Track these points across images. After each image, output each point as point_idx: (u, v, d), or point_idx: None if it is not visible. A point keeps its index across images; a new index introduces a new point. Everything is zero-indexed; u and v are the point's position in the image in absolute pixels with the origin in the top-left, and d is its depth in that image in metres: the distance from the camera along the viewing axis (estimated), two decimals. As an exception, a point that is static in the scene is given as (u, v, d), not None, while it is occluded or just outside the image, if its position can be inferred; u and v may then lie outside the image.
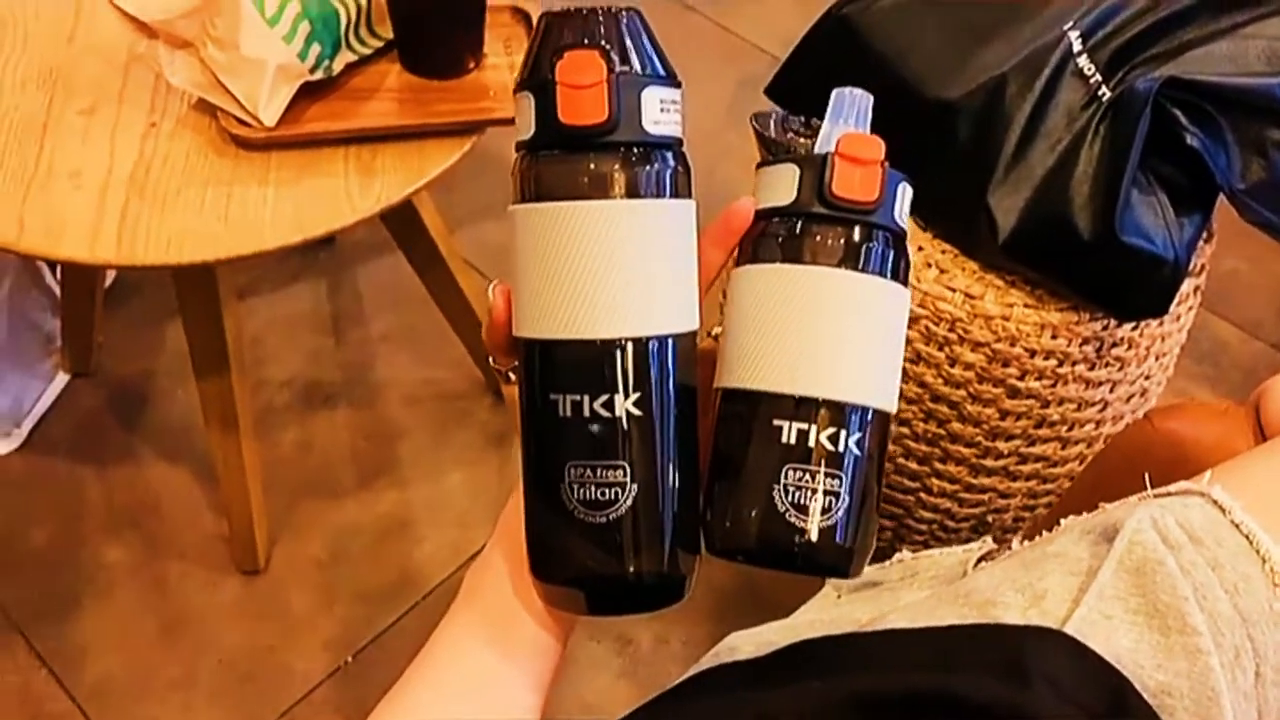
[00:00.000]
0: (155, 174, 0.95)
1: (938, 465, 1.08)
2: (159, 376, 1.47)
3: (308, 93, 0.97)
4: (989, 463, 1.07)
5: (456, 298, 1.32)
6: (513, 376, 0.49)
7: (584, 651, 1.25)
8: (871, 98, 0.50)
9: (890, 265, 0.48)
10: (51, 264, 1.41)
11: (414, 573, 1.31)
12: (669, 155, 0.46)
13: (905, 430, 1.07)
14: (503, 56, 1.04)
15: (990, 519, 1.12)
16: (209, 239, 0.92)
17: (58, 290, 1.42)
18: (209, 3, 0.92)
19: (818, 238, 0.47)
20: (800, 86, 1.06)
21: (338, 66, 0.98)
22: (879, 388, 0.48)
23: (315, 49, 0.95)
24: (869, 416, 0.48)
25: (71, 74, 1.02)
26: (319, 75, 0.96)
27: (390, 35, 1.02)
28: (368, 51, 1.02)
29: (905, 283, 0.49)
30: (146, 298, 1.54)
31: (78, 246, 0.90)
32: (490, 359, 0.51)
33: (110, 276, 1.50)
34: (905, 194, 0.49)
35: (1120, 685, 0.49)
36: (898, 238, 0.49)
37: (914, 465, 1.09)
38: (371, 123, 0.98)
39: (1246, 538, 0.52)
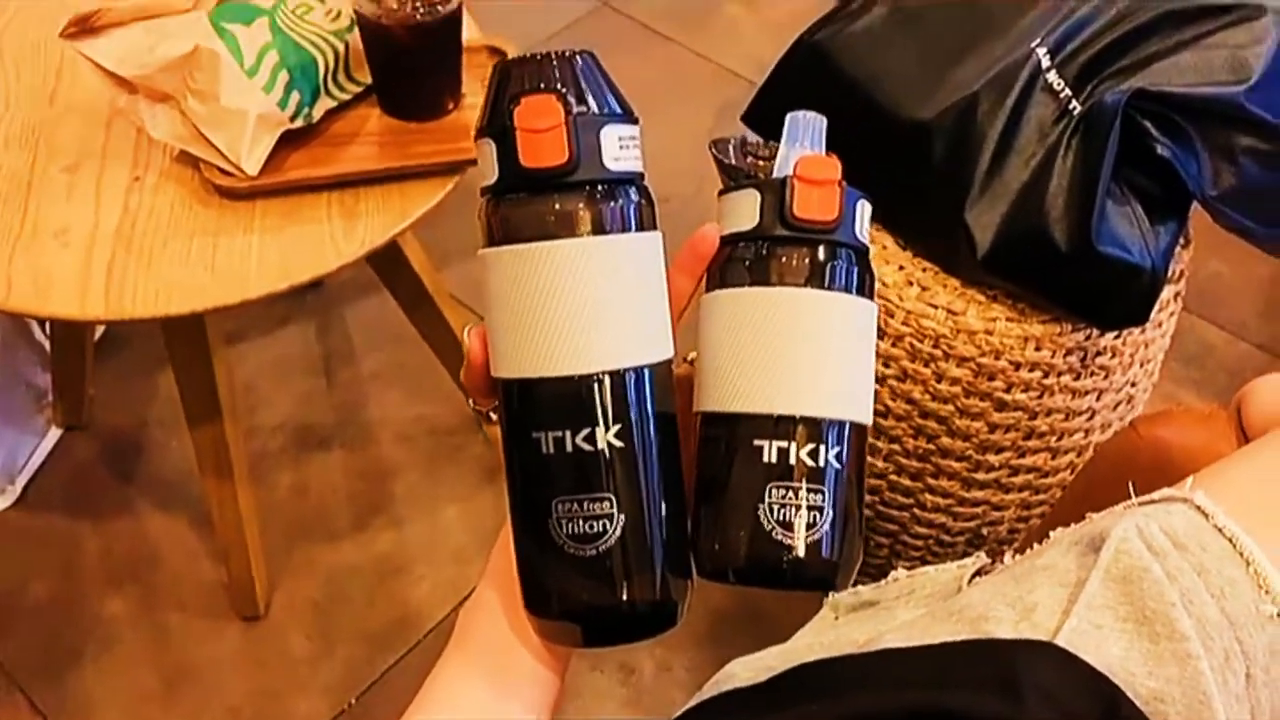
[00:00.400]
0: (141, 227, 0.96)
1: (930, 481, 1.08)
2: (152, 426, 1.48)
3: (289, 140, 0.98)
4: (980, 476, 1.07)
5: (445, 333, 1.33)
6: (494, 417, 0.49)
7: (587, 682, 1.25)
8: (825, 120, 0.52)
9: (855, 281, 0.49)
10: (40, 320, 1.41)
11: (413, 612, 1.31)
12: (631, 190, 0.47)
13: (896, 447, 1.07)
14: (481, 96, 1.05)
15: (985, 532, 1.13)
16: (196, 290, 0.92)
17: (47, 345, 1.43)
18: (188, 56, 0.93)
19: (783, 259, 0.49)
20: (776, 114, 1.06)
21: (318, 113, 0.99)
22: (853, 401, 0.49)
23: (295, 97, 0.96)
24: (846, 430, 0.48)
25: (54, 132, 1.02)
26: (299, 123, 0.97)
27: (369, 80, 1.03)
28: (347, 97, 1.02)
29: (871, 296, 0.50)
30: (136, 349, 1.54)
31: (67, 303, 0.91)
32: (470, 401, 0.51)
33: (100, 329, 1.50)
34: (864, 210, 0.50)
35: (1113, 694, 0.49)
36: (860, 253, 0.50)
37: (906, 481, 1.09)
38: (353, 167, 0.99)
39: (1230, 541, 0.52)
